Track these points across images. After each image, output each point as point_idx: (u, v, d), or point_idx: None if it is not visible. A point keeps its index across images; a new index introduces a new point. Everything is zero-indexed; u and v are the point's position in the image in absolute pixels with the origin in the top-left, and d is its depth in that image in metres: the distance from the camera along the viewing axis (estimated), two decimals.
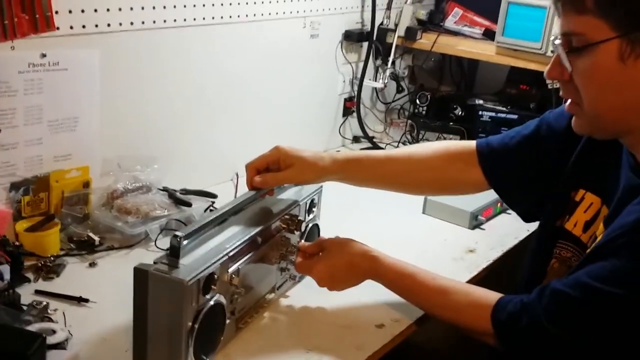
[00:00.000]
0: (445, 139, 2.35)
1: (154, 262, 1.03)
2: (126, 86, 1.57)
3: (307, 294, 1.34)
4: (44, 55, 1.36)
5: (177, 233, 1.02)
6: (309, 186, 1.39)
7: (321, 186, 1.42)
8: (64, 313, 1.20)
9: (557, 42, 0.99)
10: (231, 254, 1.10)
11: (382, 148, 2.22)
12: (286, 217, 1.28)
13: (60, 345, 1.05)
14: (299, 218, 1.30)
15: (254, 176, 1.24)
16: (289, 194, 1.35)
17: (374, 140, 2.34)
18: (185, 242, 1.05)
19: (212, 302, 1.05)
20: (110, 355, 1.11)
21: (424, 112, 2.43)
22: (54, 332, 1.07)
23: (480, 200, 1.72)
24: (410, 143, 2.29)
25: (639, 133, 1.00)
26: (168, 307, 1.01)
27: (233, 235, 1.15)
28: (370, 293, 1.33)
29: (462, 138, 2.34)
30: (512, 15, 2.04)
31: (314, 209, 1.39)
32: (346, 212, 1.75)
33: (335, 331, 1.23)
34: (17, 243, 1.35)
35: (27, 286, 1.29)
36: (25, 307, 1.19)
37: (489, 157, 1.31)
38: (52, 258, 1.36)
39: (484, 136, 2.23)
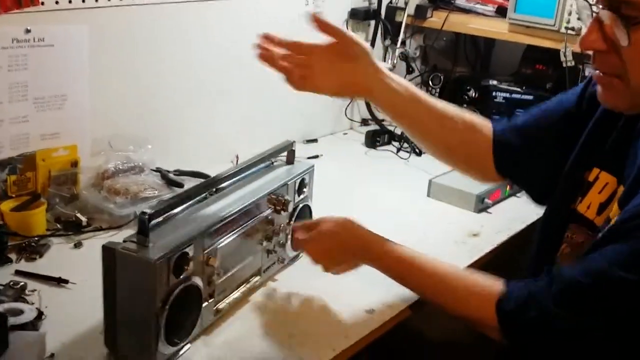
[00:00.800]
0: None
1: (123, 241, 0.99)
2: (118, 64, 1.53)
3: (296, 278, 1.30)
4: (28, 31, 1.33)
5: (145, 210, 0.97)
6: (299, 165, 1.33)
7: (312, 166, 1.36)
8: (39, 293, 1.17)
9: (602, 10, 0.90)
10: (207, 233, 1.05)
11: (391, 131, 2.15)
12: (272, 197, 1.23)
13: (27, 326, 1.02)
14: (286, 198, 1.24)
15: None
16: (278, 173, 1.29)
17: (383, 122, 2.27)
18: (156, 221, 1.01)
19: (185, 284, 1.01)
20: (83, 337, 1.07)
21: (436, 94, 2.36)
22: (22, 312, 1.03)
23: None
24: None
25: None
26: (137, 287, 0.97)
27: (212, 214, 1.10)
28: (363, 278, 1.27)
29: None
30: None
31: (304, 190, 1.33)
32: (347, 194, 1.70)
33: (323, 316, 1.18)
34: (0, 223, 1.32)
35: (8, 267, 1.26)
36: (1, 287, 1.16)
37: (503, 154, 1.23)
38: (36, 238, 1.33)
39: (497, 118, 2.17)
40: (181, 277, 1.00)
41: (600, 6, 0.90)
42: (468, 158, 1.27)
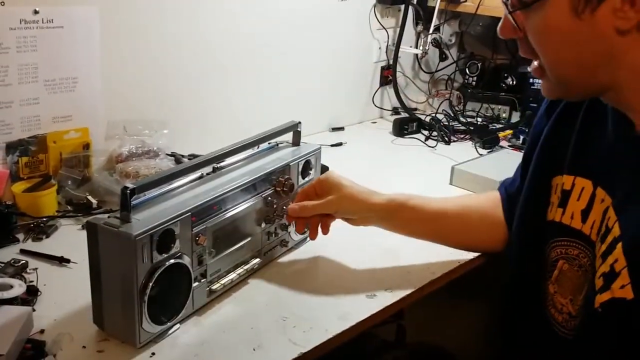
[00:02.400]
0: (493, 110, 2.20)
1: (108, 217, 0.97)
2: (131, 47, 1.52)
3: (298, 261, 1.26)
4: (36, 12, 1.34)
5: (127, 184, 0.95)
6: (305, 147, 1.30)
7: (319, 147, 1.32)
8: (37, 271, 1.17)
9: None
10: (195, 210, 1.03)
11: (420, 119, 2.09)
12: (274, 177, 1.19)
13: (16, 301, 1.01)
14: (288, 179, 1.21)
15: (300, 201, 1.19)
16: (281, 154, 1.26)
17: (416, 112, 2.21)
18: (147, 197, 0.99)
19: (170, 262, 0.98)
20: (75, 315, 1.06)
21: (473, 83, 2.29)
22: (11, 287, 1.03)
23: (510, 168, 1.58)
24: (453, 115, 2.15)
25: (618, 88, 0.85)
26: (119, 264, 0.95)
27: (204, 193, 1.07)
28: (365, 263, 1.25)
29: (512, 108, 2.21)
30: None
31: (310, 172, 1.29)
32: (366, 180, 1.65)
33: (322, 300, 1.14)
34: (8, 203, 1.33)
35: (15, 246, 1.27)
36: (2, 265, 1.16)
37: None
38: (45, 219, 1.34)
39: (534, 106, 2.08)
40: (166, 254, 0.98)
41: None
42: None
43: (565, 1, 0.79)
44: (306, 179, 1.29)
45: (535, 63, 0.89)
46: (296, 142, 1.30)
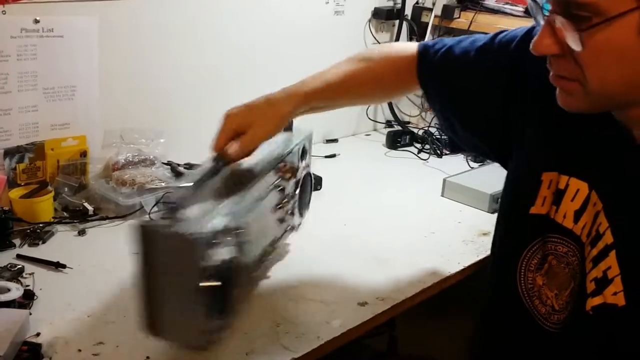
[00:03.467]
0: None
1: (153, 219, 0.96)
2: (129, 57, 1.55)
3: (291, 268, 1.28)
4: (37, 21, 1.36)
5: (178, 189, 0.96)
6: (297, 133, 1.31)
7: (311, 132, 1.34)
8: (34, 276, 1.18)
9: (552, 13, 0.82)
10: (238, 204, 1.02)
11: (413, 132, 2.13)
12: (279, 165, 1.19)
13: (13, 304, 1.03)
14: (294, 164, 1.23)
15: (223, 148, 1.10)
16: (277, 140, 1.22)
17: (408, 125, 2.24)
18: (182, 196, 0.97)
19: (225, 258, 0.96)
20: (71, 319, 1.08)
21: None
22: (8, 290, 1.05)
23: (500, 181, 1.60)
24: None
25: None
26: (183, 265, 0.91)
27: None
28: (357, 271, 1.27)
29: None
30: None
31: (305, 157, 1.31)
32: (358, 191, 1.69)
33: (314, 307, 1.16)
34: (5, 209, 1.34)
35: (11, 251, 1.28)
36: None
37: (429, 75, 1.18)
38: (41, 225, 1.35)
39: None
40: (219, 250, 0.95)
41: (551, 7, 0.83)
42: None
43: (635, 20, 0.77)
44: (304, 162, 1.30)
45: (557, 76, 0.87)
46: (289, 127, 1.30)
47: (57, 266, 1.23)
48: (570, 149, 0.98)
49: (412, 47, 1.19)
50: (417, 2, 2.20)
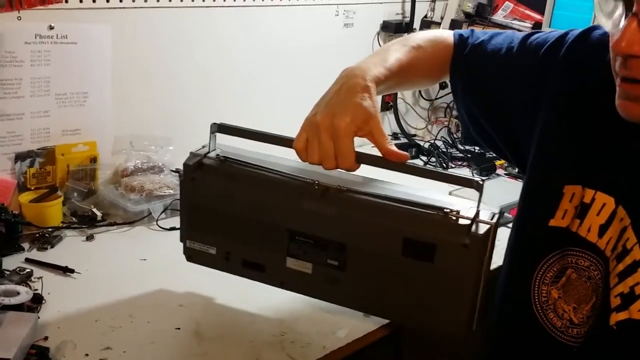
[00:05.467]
0: None
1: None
2: (141, 65, 1.56)
3: None
4: (51, 28, 1.38)
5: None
6: None
7: None
8: (41, 280, 1.19)
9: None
10: None
11: (420, 145, 2.14)
12: None
13: (22, 307, 1.04)
14: None
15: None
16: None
17: (415, 138, 2.25)
18: None
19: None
20: (79, 324, 1.09)
21: None
22: (18, 293, 1.05)
23: (508, 196, 1.61)
24: (451, 142, 2.19)
25: None
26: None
27: None
28: None
29: None
30: (559, 5, 1.92)
31: None
32: None
33: (320, 317, 1.16)
34: (15, 212, 1.35)
35: (20, 254, 1.30)
36: (8, 272, 1.19)
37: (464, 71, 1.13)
38: (50, 229, 1.37)
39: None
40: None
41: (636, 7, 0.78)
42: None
43: None
44: None
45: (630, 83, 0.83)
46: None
47: (65, 271, 1.24)
48: (596, 163, 0.96)
49: (450, 36, 1.14)
50: (425, 16, 2.21)
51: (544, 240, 1.03)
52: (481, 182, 0.98)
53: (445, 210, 0.97)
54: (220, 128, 1.09)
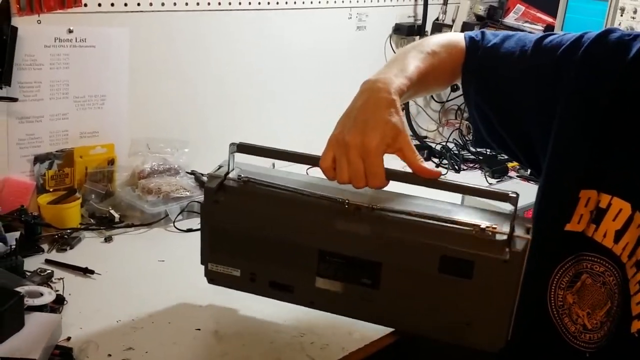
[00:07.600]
0: None
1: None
2: (158, 68, 1.58)
3: None
4: (70, 31, 1.39)
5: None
6: None
7: None
8: (63, 281, 1.20)
9: None
10: None
11: (431, 147, 2.15)
12: None
13: (45, 308, 1.05)
14: None
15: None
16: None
17: (426, 140, 2.26)
18: None
19: None
20: (100, 324, 1.10)
21: None
22: (41, 294, 1.07)
23: (520, 198, 1.61)
24: (463, 144, 2.20)
25: None
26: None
27: None
28: None
29: None
30: (572, 8, 1.93)
31: None
32: None
33: (338, 319, 1.15)
34: (34, 214, 1.37)
35: (40, 256, 1.31)
36: (29, 274, 1.20)
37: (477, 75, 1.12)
38: (69, 231, 1.38)
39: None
40: None
41: None
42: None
43: None
44: None
45: None
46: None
47: (86, 272, 1.25)
48: (612, 168, 0.96)
49: (461, 40, 1.13)
50: (437, 19, 2.22)
51: (560, 245, 1.03)
52: (516, 196, 0.97)
53: (481, 226, 0.96)
54: (240, 148, 1.07)
